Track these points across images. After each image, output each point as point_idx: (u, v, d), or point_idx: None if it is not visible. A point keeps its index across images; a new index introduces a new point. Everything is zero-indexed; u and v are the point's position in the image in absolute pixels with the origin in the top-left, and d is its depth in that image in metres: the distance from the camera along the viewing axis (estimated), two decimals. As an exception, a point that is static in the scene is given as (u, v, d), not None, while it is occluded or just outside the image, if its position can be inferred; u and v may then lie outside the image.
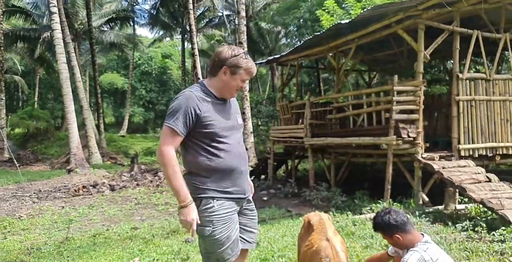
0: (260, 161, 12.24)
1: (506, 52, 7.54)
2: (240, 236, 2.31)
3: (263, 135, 20.24)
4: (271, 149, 11.23)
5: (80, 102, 18.31)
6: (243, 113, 15.95)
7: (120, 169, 15.57)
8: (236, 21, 18.61)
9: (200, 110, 2.17)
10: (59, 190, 10.32)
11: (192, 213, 2.12)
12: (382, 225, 2.51)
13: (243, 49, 2.41)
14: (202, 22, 26.87)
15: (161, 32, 28.65)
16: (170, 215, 7.18)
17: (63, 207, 8.07)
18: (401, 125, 6.56)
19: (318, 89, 15.25)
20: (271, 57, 11.78)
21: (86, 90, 26.12)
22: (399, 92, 6.68)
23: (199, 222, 2.13)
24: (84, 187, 10.26)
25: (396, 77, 6.76)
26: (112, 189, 10.20)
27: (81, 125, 19.20)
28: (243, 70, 2.25)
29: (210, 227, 2.16)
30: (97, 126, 22.63)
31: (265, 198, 8.74)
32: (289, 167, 11.97)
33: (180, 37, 26.91)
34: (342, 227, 5.20)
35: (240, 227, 2.32)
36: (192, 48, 18.72)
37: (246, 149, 13.99)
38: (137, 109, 34.77)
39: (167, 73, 35.49)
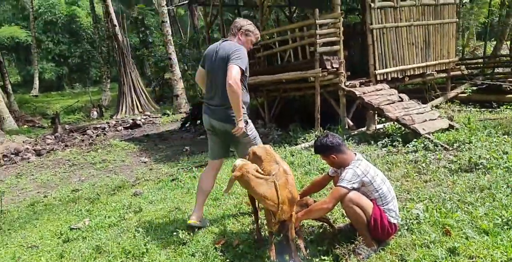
0: (194, 107, 12.18)
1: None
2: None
3: (192, 79, 19.78)
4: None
5: (-25, 62, 15.97)
6: (169, 59, 15.32)
7: (41, 131, 14.49)
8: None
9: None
10: (-25, 163, 9.43)
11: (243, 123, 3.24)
12: (321, 147, 2.86)
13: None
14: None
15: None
16: (111, 172, 7.08)
17: (-14, 180, 7.49)
18: (325, 57, 6.92)
19: (240, 28, 14.97)
20: (192, -3, 11.16)
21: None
22: (321, 25, 6.91)
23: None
24: (4, 156, 9.49)
25: (317, 10, 6.92)
26: (38, 154, 9.59)
27: (-16, 89, 17.00)
28: (253, 34, 3.43)
29: (254, 131, 3.43)
30: (3, 87, 20.18)
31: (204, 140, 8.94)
32: (223, 109, 12.10)
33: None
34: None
35: None
36: (102, -8, 16.81)
37: (178, 96, 13.74)
38: (47, 65, 31.04)
39: (75, 21, 31.53)
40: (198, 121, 11.84)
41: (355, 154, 2.85)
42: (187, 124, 11.85)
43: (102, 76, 24.00)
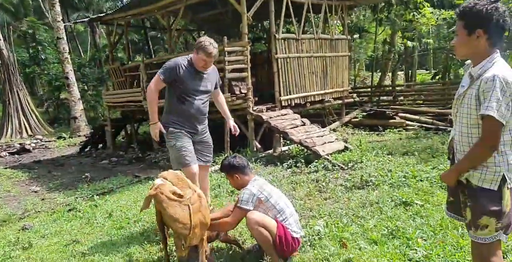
0: (96, 129, 11.43)
1: (309, 14, 8.91)
2: (198, 157, 3.69)
3: (92, 100, 18.57)
4: (108, 115, 10.59)
5: None
6: (66, 78, 14.20)
7: None
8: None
9: (179, 73, 3.45)
10: None
11: (157, 128, 3.54)
12: (228, 166, 3.02)
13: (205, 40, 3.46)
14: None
15: None
16: (-8, 204, 6.20)
17: None
18: (233, 83, 7.19)
19: (147, 49, 14.77)
20: (95, 16, 10.66)
21: None
22: (229, 53, 7.20)
23: (163, 131, 3.56)
24: None
25: (225, 38, 7.21)
26: None
27: None
28: (203, 52, 3.41)
29: (174, 140, 3.53)
30: None
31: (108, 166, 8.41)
32: (129, 132, 11.60)
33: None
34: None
35: (198, 152, 3.72)
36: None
37: (76, 118, 12.79)
38: None
39: None
40: (100, 145, 11.12)
41: (255, 176, 3.05)
42: (87, 149, 11.03)
43: (-19, 96, 21.05)
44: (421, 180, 4.52)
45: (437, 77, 13.77)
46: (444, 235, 3.02)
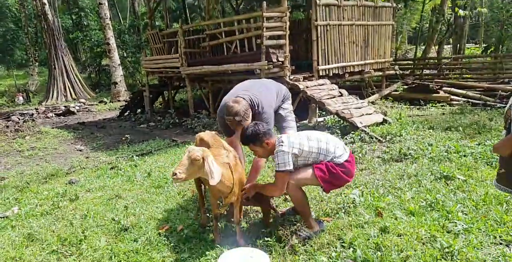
0: (135, 94, 11.74)
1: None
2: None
3: (131, 67, 18.99)
4: (147, 81, 10.83)
5: None
6: (107, 43, 14.50)
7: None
8: None
9: None
10: None
11: None
12: (252, 135, 2.67)
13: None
14: None
15: None
16: (42, 160, 6.63)
17: None
18: (271, 50, 7.04)
19: (184, 17, 14.71)
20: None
21: None
22: (268, 19, 7.00)
23: None
24: None
25: (265, 3, 6.99)
26: (-44, 140, 8.61)
27: None
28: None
29: None
30: None
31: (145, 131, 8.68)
32: (166, 98, 11.84)
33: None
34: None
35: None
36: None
37: (116, 83, 13.07)
38: (-39, 44, 27.85)
39: (-2, -2, 28.48)
40: (139, 110, 11.45)
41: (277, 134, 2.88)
42: (127, 113, 11.41)
43: (28, 59, 22.05)
44: (464, 155, 4.33)
45: (489, 51, 12.78)
46: (487, 210, 2.91)
